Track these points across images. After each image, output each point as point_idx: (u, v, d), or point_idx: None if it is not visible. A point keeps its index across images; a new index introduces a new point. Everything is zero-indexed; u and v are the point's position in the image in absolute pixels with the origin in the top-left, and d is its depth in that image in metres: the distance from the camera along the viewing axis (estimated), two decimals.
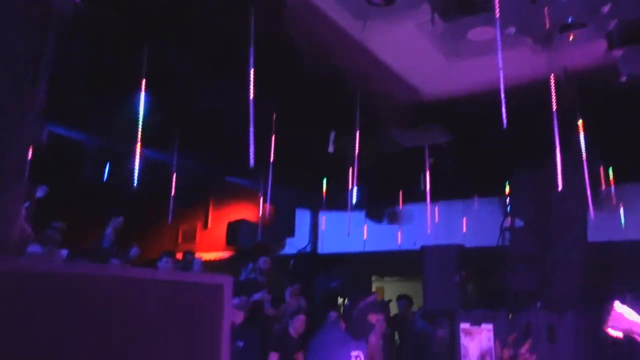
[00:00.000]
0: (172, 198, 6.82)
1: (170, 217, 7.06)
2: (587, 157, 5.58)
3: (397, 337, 7.41)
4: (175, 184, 6.84)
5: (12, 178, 1.18)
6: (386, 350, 6.39)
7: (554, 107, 4.74)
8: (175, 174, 6.86)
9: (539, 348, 5.24)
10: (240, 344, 6.20)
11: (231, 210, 10.67)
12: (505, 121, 3.70)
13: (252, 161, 4.34)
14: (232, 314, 6.37)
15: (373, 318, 4.06)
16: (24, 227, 1.34)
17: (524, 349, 5.09)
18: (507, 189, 7.00)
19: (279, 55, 5.10)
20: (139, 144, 4.75)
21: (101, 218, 7.32)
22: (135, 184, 4.83)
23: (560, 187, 4.55)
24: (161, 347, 1.46)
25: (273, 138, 6.04)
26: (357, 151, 6.14)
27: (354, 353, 3.97)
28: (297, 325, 6.30)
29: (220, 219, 10.72)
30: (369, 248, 9.63)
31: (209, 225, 11.20)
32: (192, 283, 1.61)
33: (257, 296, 6.96)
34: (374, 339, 4.32)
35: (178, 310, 1.53)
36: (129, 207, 7.30)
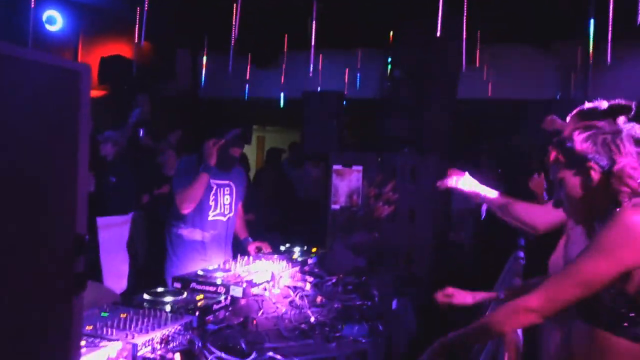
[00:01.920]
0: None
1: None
2: (467, 14, 5.74)
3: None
4: None
5: None
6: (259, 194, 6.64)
7: None
8: None
9: (402, 188, 5.72)
10: (113, 179, 6.09)
11: (104, 47, 9.85)
12: None
13: None
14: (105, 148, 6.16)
15: (236, 152, 4.20)
16: None
17: (387, 188, 5.54)
18: (391, 41, 7.10)
19: None
20: None
21: None
22: None
23: (438, 33, 4.70)
24: (8, 119, 1.36)
25: None
26: None
27: (215, 182, 4.21)
28: (170, 162, 6.19)
29: (91, 55, 9.89)
30: (252, 94, 9.55)
31: (79, 60, 10.34)
32: (46, 64, 1.48)
33: (133, 116, 6.64)
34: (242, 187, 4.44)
35: (28, 88, 1.41)
36: None
